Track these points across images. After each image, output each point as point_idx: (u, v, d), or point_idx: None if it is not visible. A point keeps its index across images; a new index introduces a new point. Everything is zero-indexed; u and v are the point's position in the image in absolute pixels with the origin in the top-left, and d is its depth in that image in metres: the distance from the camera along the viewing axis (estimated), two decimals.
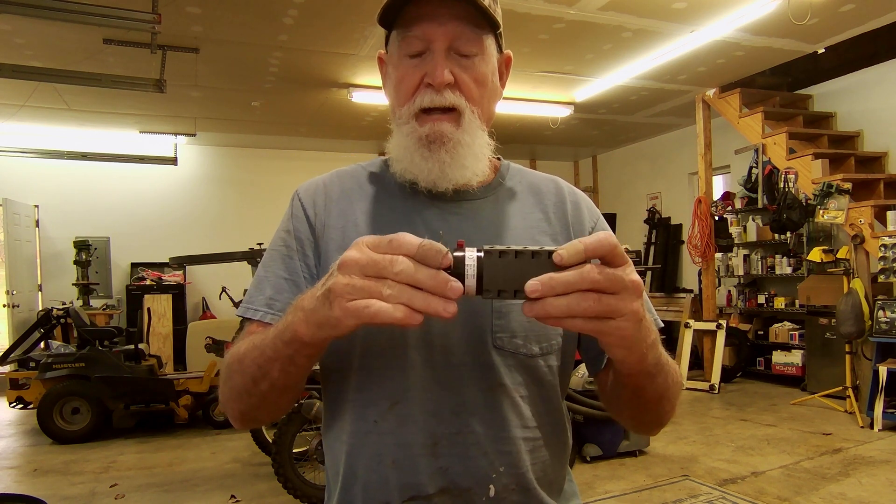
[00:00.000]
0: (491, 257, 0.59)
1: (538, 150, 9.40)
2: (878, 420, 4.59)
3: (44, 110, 6.46)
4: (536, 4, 4.28)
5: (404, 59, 0.86)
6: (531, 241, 0.89)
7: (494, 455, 0.82)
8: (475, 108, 0.86)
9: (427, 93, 0.84)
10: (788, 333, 6.34)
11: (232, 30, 4.61)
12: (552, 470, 0.89)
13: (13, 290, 6.85)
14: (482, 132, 0.88)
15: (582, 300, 0.58)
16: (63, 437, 4.78)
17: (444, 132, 0.84)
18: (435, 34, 0.83)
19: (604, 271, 0.58)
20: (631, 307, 0.60)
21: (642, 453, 4.17)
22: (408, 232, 0.62)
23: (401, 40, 0.86)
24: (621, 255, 0.59)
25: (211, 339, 4.78)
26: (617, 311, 0.59)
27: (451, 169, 0.85)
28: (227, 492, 3.69)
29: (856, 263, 5.08)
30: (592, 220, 0.96)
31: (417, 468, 0.81)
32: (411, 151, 0.85)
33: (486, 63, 0.87)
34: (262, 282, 0.91)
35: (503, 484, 0.83)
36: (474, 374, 0.83)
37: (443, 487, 0.81)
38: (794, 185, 5.76)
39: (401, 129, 0.87)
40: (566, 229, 0.93)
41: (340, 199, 0.92)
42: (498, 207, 0.92)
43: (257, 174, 8.48)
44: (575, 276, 0.57)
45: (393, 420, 0.83)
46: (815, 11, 4.41)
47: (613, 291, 0.59)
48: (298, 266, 0.89)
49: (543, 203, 0.95)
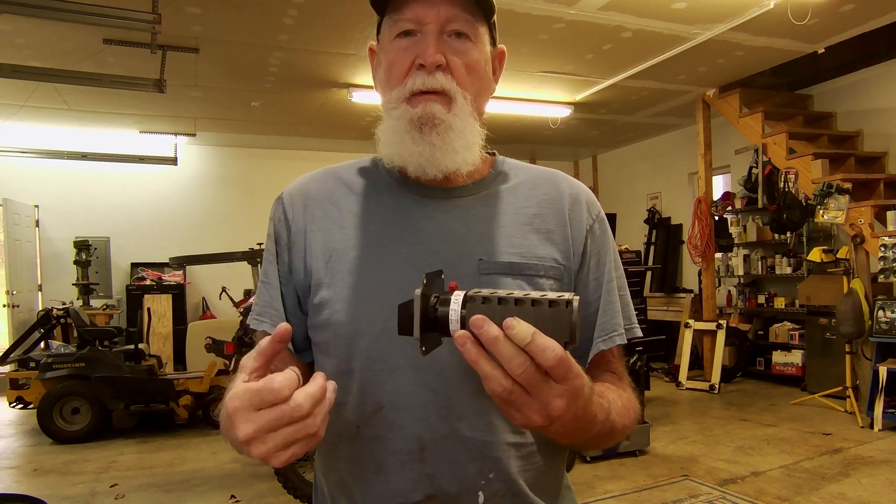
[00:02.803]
0: (474, 303, 0.60)
1: (538, 150, 9.41)
2: (878, 420, 4.59)
3: (44, 110, 6.46)
4: (536, 4, 4.28)
5: (395, 42, 0.84)
6: (523, 239, 0.87)
7: (483, 461, 0.80)
8: (467, 95, 0.84)
9: (419, 75, 0.82)
10: (788, 333, 6.34)
11: (232, 30, 4.61)
12: (546, 475, 0.87)
13: (13, 290, 6.85)
14: (474, 120, 0.86)
15: (493, 380, 0.57)
16: (63, 437, 4.78)
17: (436, 113, 0.81)
18: (427, 16, 0.81)
19: (529, 374, 0.56)
20: (533, 418, 0.59)
21: (642, 453, 4.17)
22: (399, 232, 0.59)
23: (392, 24, 0.84)
24: (561, 374, 0.57)
25: (211, 339, 4.78)
26: (522, 407, 0.59)
27: (442, 153, 0.82)
28: (227, 492, 3.69)
29: (856, 263, 5.08)
30: (591, 217, 0.92)
31: (403, 475, 0.80)
32: (401, 134, 0.83)
33: (479, 50, 0.85)
34: (259, 289, 0.93)
35: (493, 490, 0.81)
36: (462, 377, 0.80)
37: (430, 494, 0.80)
38: (794, 185, 5.76)
39: (391, 113, 0.85)
40: (563, 226, 0.90)
41: (325, 200, 0.91)
42: (490, 205, 0.89)
43: (257, 174, 8.48)
44: (507, 355, 0.56)
45: (378, 425, 0.81)
46: (815, 11, 4.40)
47: (529, 393, 0.58)
48: (280, 275, 0.90)
49: (539, 199, 0.91)
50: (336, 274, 0.85)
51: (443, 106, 0.82)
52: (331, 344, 0.85)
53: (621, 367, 0.91)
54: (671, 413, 5.33)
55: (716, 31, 4.79)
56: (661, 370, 6.96)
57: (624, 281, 0.94)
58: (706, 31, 4.81)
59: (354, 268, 0.84)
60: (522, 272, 0.84)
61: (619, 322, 0.89)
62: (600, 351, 0.87)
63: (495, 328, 0.56)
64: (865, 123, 6.10)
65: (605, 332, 0.87)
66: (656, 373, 6.84)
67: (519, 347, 0.56)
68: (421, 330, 0.61)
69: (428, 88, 0.82)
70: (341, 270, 0.85)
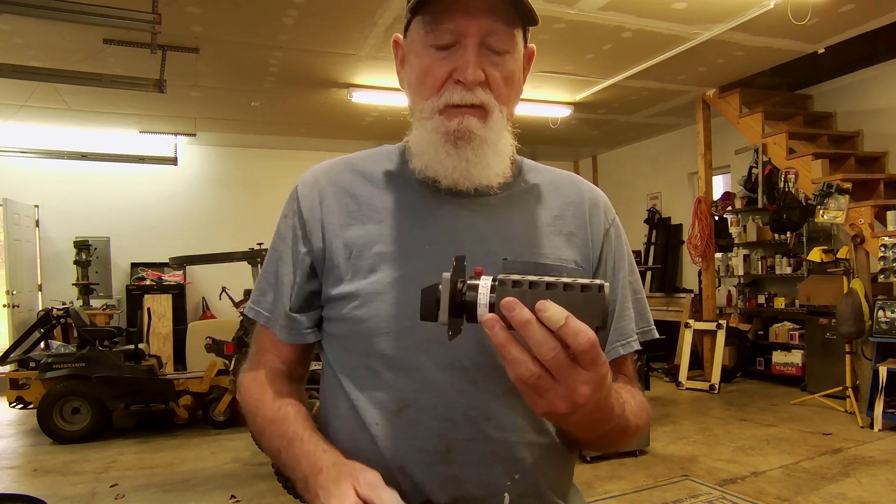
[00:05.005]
0: (504, 287, 0.58)
1: (538, 150, 9.40)
2: (878, 420, 4.59)
3: (44, 110, 6.46)
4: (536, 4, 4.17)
5: (430, 50, 0.81)
6: (546, 240, 0.87)
7: (510, 462, 0.79)
8: (503, 108, 0.83)
9: (456, 89, 0.80)
10: (788, 333, 6.34)
11: (232, 30, 4.61)
12: (562, 474, 0.88)
13: (13, 290, 6.85)
14: (507, 132, 0.85)
15: (521, 365, 0.56)
16: (63, 437, 4.78)
17: (472, 128, 0.80)
18: (468, 28, 0.78)
19: (559, 359, 0.56)
20: (558, 404, 0.58)
21: (642, 453, 4.17)
22: (422, 229, 0.60)
23: (428, 30, 0.81)
24: (591, 359, 0.56)
25: (211, 339, 4.78)
26: (547, 393, 0.58)
27: (476, 168, 0.82)
28: (227, 492, 3.69)
29: (856, 263, 5.08)
30: (608, 222, 0.93)
31: (428, 476, 0.78)
32: (436, 147, 0.82)
33: (516, 60, 0.84)
34: (263, 283, 0.92)
35: (518, 492, 0.80)
36: (488, 377, 0.79)
37: (456, 497, 0.78)
38: (794, 185, 5.76)
39: (424, 123, 0.83)
40: (583, 229, 0.90)
41: (342, 193, 0.88)
42: (514, 206, 0.89)
43: (257, 174, 8.48)
44: (538, 338, 0.55)
45: (402, 424, 0.79)
46: (815, 11, 4.40)
47: (556, 379, 0.57)
48: (290, 268, 0.88)
49: (561, 202, 0.92)
50: (357, 269, 0.84)
51: (479, 120, 0.81)
52: (350, 339, 0.84)
53: (633, 371, 0.93)
54: (671, 413, 5.33)
55: (716, 31, 4.78)
56: (661, 370, 6.96)
57: (640, 284, 0.95)
58: (706, 31, 4.81)
59: (377, 264, 0.83)
60: (546, 273, 0.84)
61: (633, 327, 0.90)
62: (619, 354, 0.88)
63: (527, 311, 0.55)
64: (865, 123, 6.10)
65: (623, 336, 0.89)
66: (656, 373, 6.84)
67: (550, 331, 0.55)
68: (448, 315, 0.60)
69: (466, 103, 0.80)
70: (363, 267, 0.83)
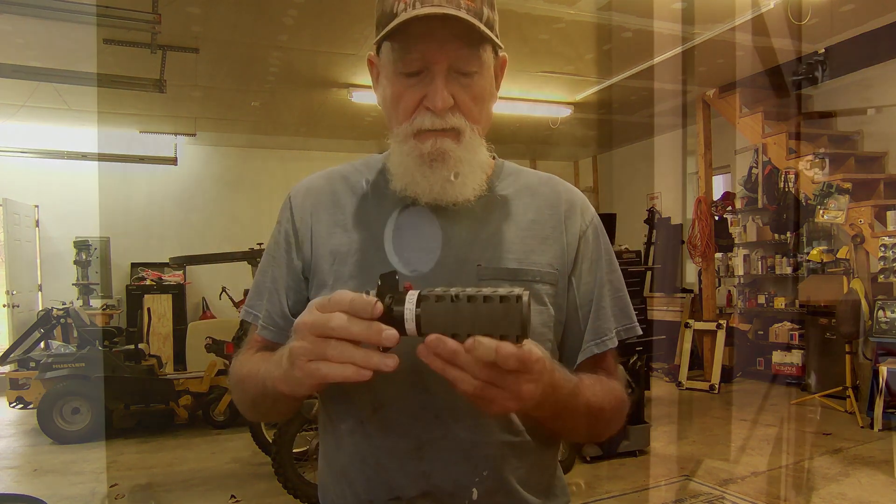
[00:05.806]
0: (428, 302, 0.62)
1: (538, 150, 9.40)
2: (878, 420, 4.58)
3: (44, 110, 6.46)
4: (536, 4, 4.28)
5: (400, 77, 0.82)
6: (521, 245, 0.88)
7: (478, 460, 0.83)
8: (475, 126, 0.84)
9: (427, 115, 0.82)
10: (788, 333, 6.34)
11: (232, 30, 4.61)
12: (539, 471, 0.90)
13: (13, 290, 6.85)
14: (482, 146, 0.87)
15: (463, 382, 0.63)
16: (63, 437, 4.78)
17: (446, 149, 0.82)
18: (434, 56, 0.80)
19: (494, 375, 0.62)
20: (508, 405, 0.65)
21: (642, 453, 4.17)
22: (401, 238, 0.62)
23: (397, 57, 0.82)
24: (526, 368, 0.62)
25: (211, 339, 4.78)
26: (495, 399, 0.64)
27: (454, 187, 0.83)
28: (227, 492, 3.69)
29: (856, 263, 5.08)
30: (584, 223, 0.93)
31: (401, 471, 0.83)
32: (412, 170, 0.84)
33: (485, 77, 0.85)
34: (259, 286, 0.95)
35: (486, 488, 0.83)
36: None
37: (425, 491, 0.83)
38: (794, 185, 5.76)
39: (401, 146, 0.85)
40: (558, 232, 0.91)
41: (330, 202, 0.93)
42: (492, 212, 0.90)
43: (257, 174, 8.48)
44: (470, 366, 0.62)
45: (377, 424, 0.84)
46: (815, 11, 4.40)
47: (500, 386, 0.63)
48: (285, 272, 0.92)
49: (537, 205, 0.92)
50: (339, 276, 0.87)
51: (452, 140, 0.83)
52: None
53: (613, 365, 0.94)
54: (671, 413, 5.33)
55: (716, 31, 4.78)
56: (661, 370, 6.96)
57: (621, 283, 0.95)
58: (706, 31, 4.81)
59: (356, 271, 0.86)
60: (520, 277, 0.86)
61: (610, 326, 0.91)
62: (593, 353, 0.90)
63: (451, 342, 0.61)
64: (865, 123, 6.10)
65: (598, 335, 0.90)
66: (656, 373, 6.84)
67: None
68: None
69: (437, 128, 0.82)
70: (344, 273, 0.87)
